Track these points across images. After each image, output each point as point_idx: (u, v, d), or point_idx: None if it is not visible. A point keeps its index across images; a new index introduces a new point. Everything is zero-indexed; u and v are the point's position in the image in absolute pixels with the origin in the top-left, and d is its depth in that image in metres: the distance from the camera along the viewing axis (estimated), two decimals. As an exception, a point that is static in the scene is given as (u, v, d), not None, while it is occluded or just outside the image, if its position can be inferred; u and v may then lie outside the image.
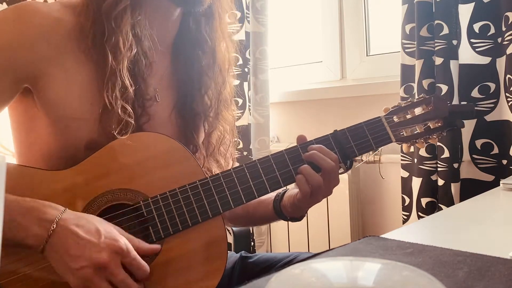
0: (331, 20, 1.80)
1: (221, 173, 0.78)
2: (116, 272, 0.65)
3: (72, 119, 0.75)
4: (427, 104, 0.85)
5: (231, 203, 0.77)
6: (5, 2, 1.67)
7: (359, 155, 0.83)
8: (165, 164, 0.77)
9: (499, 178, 1.15)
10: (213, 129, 0.91)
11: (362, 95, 1.62)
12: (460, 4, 1.26)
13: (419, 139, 0.85)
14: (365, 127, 0.83)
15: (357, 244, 0.62)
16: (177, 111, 0.87)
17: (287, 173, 0.80)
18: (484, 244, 0.61)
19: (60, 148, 0.76)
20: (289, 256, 0.94)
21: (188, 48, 0.88)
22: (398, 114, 0.85)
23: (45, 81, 0.74)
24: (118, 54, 0.75)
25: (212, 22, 0.89)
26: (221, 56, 0.91)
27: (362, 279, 0.40)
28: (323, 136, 0.83)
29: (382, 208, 1.63)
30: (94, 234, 0.65)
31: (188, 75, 0.88)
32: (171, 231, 0.75)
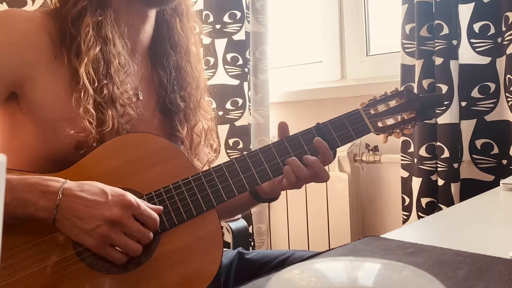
0: (331, 20, 1.80)
1: (213, 168, 0.81)
2: (131, 223, 0.69)
3: (59, 121, 0.76)
4: (400, 96, 0.91)
5: (224, 196, 0.80)
6: (5, 2, 1.67)
7: (341, 145, 0.88)
8: (158, 162, 0.79)
9: (499, 178, 1.15)
10: (195, 122, 0.95)
11: (362, 95, 1.62)
12: (460, 4, 1.26)
13: (395, 129, 0.90)
14: (345, 119, 0.89)
15: (357, 244, 0.62)
16: (160, 108, 0.90)
17: (275, 165, 0.84)
18: (484, 244, 0.61)
19: (49, 150, 0.77)
20: (286, 253, 0.95)
21: (165, 47, 0.92)
22: (374, 106, 0.91)
23: (30, 85, 0.75)
24: (78, 55, 0.77)
25: (183, 20, 0.93)
26: (194, 51, 0.96)
27: (362, 279, 0.40)
28: (307, 129, 0.88)
29: (382, 208, 1.63)
30: (100, 194, 0.68)
31: (167, 74, 0.91)
32: (167, 225, 0.77)
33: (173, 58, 0.92)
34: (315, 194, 1.64)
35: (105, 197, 0.68)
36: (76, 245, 0.72)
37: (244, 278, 0.53)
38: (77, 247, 0.72)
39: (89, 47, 0.77)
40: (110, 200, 0.68)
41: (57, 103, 0.76)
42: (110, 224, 0.67)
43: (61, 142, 0.76)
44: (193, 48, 0.96)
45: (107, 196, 0.68)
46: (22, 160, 0.78)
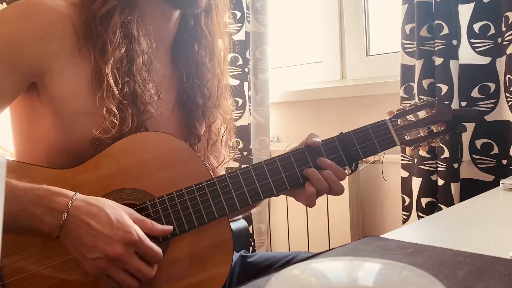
0: (331, 20, 1.80)
1: (228, 174, 0.78)
2: (131, 262, 0.66)
3: (77, 114, 0.75)
4: (430, 107, 0.86)
5: (237, 204, 0.77)
6: (5, 2, 1.67)
7: (364, 158, 0.83)
8: (172, 164, 0.77)
9: (499, 178, 1.15)
10: (213, 119, 0.93)
11: (362, 95, 1.62)
12: (460, 4, 1.26)
13: (422, 142, 0.86)
14: (370, 130, 0.84)
15: (357, 244, 0.62)
16: (179, 105, 0.88)
17: (293, 175, 0.80)
18: (484, 244, 0.61)
19: (65, 143, 0.76)
20: (289, 255, 0.94)
21: (188, 43, 0.90)
22: (402, 117, 0.86)
23: (51, 76, 0.74)
24: (105, 54, 0.75)
25: (211, 16, 0.90)
26: (219, 49, 0.93)
27: (362, 279, 0.40)
28: (329, 139, 0.83)
29: (382, 208, 1.63)
30: (106, 225, 0.66)
31: (188, 69, 0.89)
32: (177, 231, 0.75)
33: (195, 53, 0.89)
34: (315, 194, 1.64)
35: (110, 228, 0.65)
36: None
37: (247, 281, 0.52)
38: None
39: (115, 48, 0.76)
40: (115, 234, 0.65)
41: (77, 96, 0.75)
42: (109, 260, 0.65)
43: (78, 136, 0.75)
44: (219, 45, 0.93)
45: (112, 228, 0.65)
46: (39, 151, 0.78)
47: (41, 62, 0.74)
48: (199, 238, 0.76)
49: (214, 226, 0.77)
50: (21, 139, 0.82)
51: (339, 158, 0.82)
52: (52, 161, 0.76)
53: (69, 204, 0.66)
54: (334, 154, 0.82)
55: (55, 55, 0.74)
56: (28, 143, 0.80)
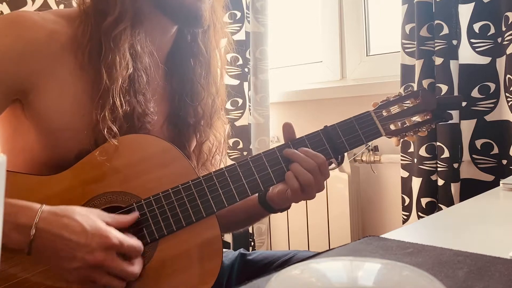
0: (331, 20, 1.80)
1: (214, 172, 0.78)
2: (113, 265, 0.65)
3: (62, 131, 0.74)
4: (415, 97, 0.86)
5: (225, 202, 0.77)
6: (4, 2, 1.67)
7: (350, 149, 0.84)
8: (157, 165, 0.77)
9: (499, 178, 1.15)
10: (205, 139, 0.91)
11: (362, 95, 1.62)
12: (460, 4, 1.26)
13: (408, 132, 0.86)
14: (355, 122, 0.84)
15: (357, 244, 0.62)
16: (169, 122, 0.87)
17: (279, 170, 0.80)
18: (484, 244, 0.61)
19: (49, 158, 0.75)
20: (288, 253, 0.94)
21: (183, 59, 0.88)
22: (387, 108, 0.86)
23: (35, 94, 0.73)
24: (113, 73, 0.74)
25: (208, 34, 0.89)
26: (215, 66, 0.91)
27: (362, 279, 0.40)
28: (313, 132, 0.84)
29: (382, 208, 1.63)
30: (80, 233, 0.63)
31: (182, 86, 0.88)
32: (165, 232, 0.75)
33: (190, 70, 0.88)
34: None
35: (85, 236, 0.63)
36: None
37: (246, 279, 0.52)
38: None
39: (124, 67, 0.74)
40: (92, 241, 0.63)
41: (62, 114, 0.74)
42: (91, 268, 0.64)
43: (63, 151, 0.74)
44: (215, 64, 0.91)
45: (87, 236, 0.63)
46: (24, 161, 0.77)
47: (25, 79, 0.72)
48: (188, 238, 0.76)
49: (202, 224, 0.76)
50: (6, 148, 0.80)
51: (325, 151, 0.82)
52: (37, 171, 0.75)
53: (36, 219, 0.63)
54: (319, 147, 0.82)
55: (40, 73, 0.72)
56: (13, 153, 0.78)
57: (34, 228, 0.62)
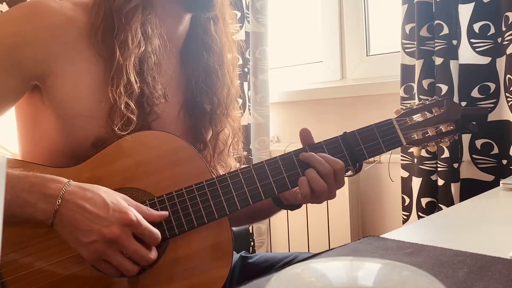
0: (331, 20, 1.80)
1: (228, 174, 0.77)
2: (128, 244, 0.66)
3: (80, 117, 0.75)
4: (439, 106, 0.84)
5: (238, 205, 0.76)
6: (5, 2, 1.67)
7: (368, 158, 0.81)
8: (172, 163, 0.76)
9: (499, 178, 1.15)
10: (221, 128, 0.91)
11: (362, 95, 1.62)
12: (460, 4, 1.26)
13: (430, 142, 0.83)
14: (375, 129, 0.82)
15: (357, 244, 0.62)
16: (186, 110, 0.88)
17: (295, 175, 0.79)
18: (484, 244, 0.61)
19: (66, 145, 0.76)
20: (289, 256, 0.94)
21: (197, 49, 0.89)
22: (409, 116, 0.84)
23: (54, 79, 0.74)
24: (126, 50, 0.75)
25: (218, 25, 0.90)
26: (227, 58, 0.92)
27: (362, 279, 0.40)
28: (332, 138, 0.82)
29: (382, 208, 1.63)
30: (102, 207, 0.65)
31: (197, 75, 0.88)
32: (176, 231, 0.74)
33: (205, 60, 0.88)
34: (315, 194, 1.64)
35: (106, 211, 0.65)
36: None
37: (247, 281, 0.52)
38: None
39: (136, 45, 0.76)
40: (111, 216, 0.65)
41: (79, 99, 0.75)
42: (107, 242, 0.64)
43: (79, 138, 0.75)
44: (228, 55, 0.92)
45: (108, 210, 0.65)
46: (41, 151, 0.78)
47: (43, 65, 0.73)
48: (199, 239, 0.75)
49: (213, 226, 0.76)
50: (24, 139, 0.82)
51: (342, 158, 0.80)
52: (53, 161, 0.76)
53: (63, 190, 0.65)
54: (337, 154, 0.80)
55: (58, 58, 0.74)
56: (31, 143, 0.80)
57: (60, 198, 0.64)
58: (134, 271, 0.68)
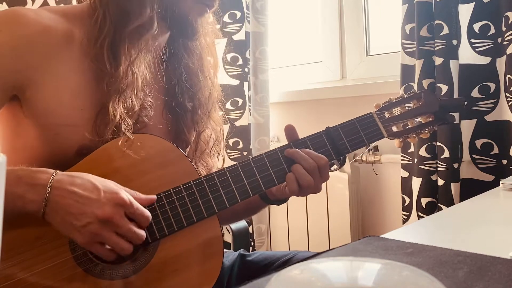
0: (331, 20, 1.80)
1: (215, 173, 0.78)
2: (122, 223, 0.67)
3: (62, 126, 0.74)
4: (417, 99, 0.87)
5: (226, 202, 0.78)
6: (4, 2, 1.67)
7: (351, 151, 0.84)
8: (159, 165, 0.77)
9: (499, 178, 1.15)
10: (203, 128, 0.92)
11: (362, 95, 1.62)
12: (460, 4, 1.26)
13: (410, 133, 0.86)
14: (357, 123, 0.85)
15: (357, 244, 0.62)
16: (168, 109, 0.88)
17: (281, 171, 0.81)
18: (484, 244, 0.61)
19: (50, 154, 0.76)
20: (288, 254, 0.95)
21: (178, 50, 0.89)
22: (389, 109, 0.86)
23: (33, 90, 0.73)
24: (134, 73, 0.76)
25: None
26: (208, 61, 0.93)
27: (362, 279, 0.40)
28: (315, 133, 0.84)
29: (382, 208, 1.63)
30: (92, 190, 0.66)
31: (179, 75, 0.89)
32: (166, 232, 0.75)
33: (185, 61, 0.89)
34: (315, 194, 1.64)
35: (97, 193, 0.66)
36: (73, 250, 0.71)
37: (246, 280, 0.52)
38: (74, 251, 0.71)
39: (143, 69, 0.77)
40: (103, 197, 0.66)
41: (61, 108, 0.74)
42: (101, 223, 0.65)
43: (63, 147, 0.75)
44: (208, 59, 0.93)
45: (99, 193, 0.66)
46: (25, 159, 0.77)
47: (21, 75, 0.72)
48: (189, 238, 0.76)
49: (203, 225, 0.77)
50: (6, 149, 0.80)
51: (327, 152, 0.83)
52: None
53: (52, 179, 0.66)
54: (321, 148, 0.83)
55: (36, 68, 0.73)
56: (13, 153, 0.79)
57: (49, 187, 0.65)
58: (130, 250, 0.69)
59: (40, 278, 0.69)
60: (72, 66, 0.75)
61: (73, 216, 0.65)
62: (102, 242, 0.68)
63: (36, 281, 0.69)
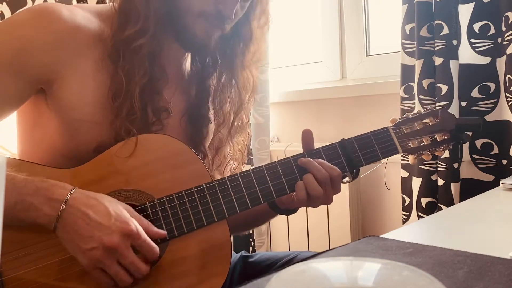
0: (331, 20, 1.80)
1: (228, 178, 0.78)
2: (126, 254, 0.67)
3: (83, 122, 0.75)
4: (434, 116, 0.86)
5: (237, 208, 0.77)
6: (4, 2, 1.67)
7: (365, 164, 0.83)
8: (173, 166, 0.77)
9: (499, 178, 1.15)
10: (222, 145, 0.91)
11: (362, 95, 1.62)
12: (460, 4, 1.26)
13: (425, 150, 0.86)
14: (372, 137, 0.84)
15: (357, 244, 0.62)
16: (188, 118, 0.87)
17: (293, 179, 0.80)
18: (484, 244, 0.61)
19: (68, 148, 0.76)
20: (290, 255, 0.94)
21: (205, 61, 0.89)
22: (405, 125, 0.86)
23: (59, 84, 0.74)
24: (132, 80, 0.76)
25: (238, 47, 0.88)
26: (243, 80, 0.90)
27: (362, 279, 0.40)
28: (330, 144, 0.83)
29: (382, 208, 1.63)
30: (104, 215, 0.66)
31: (204, 85, 0.89)
32: (176, 233, 0.75)
33: (214, 73, 0.88)
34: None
35: (108, 219, 0.66)
36: None
37: (247, 281, 0.52)
38: None
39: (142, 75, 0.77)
40: (112, 224, 0.66)
41: (84, 104, 0.75)
42: (105, 250, 0.65)
43: (81, 142, 0.76)
44: (243, 78, 0.90)
45: (110, 219, 0.66)
46: (41, 152, 0.78)
47: (50, 69, 0.74)
48: (198, 241, 0.76)
49: (213, 228, 0.76)
50: (23, 139, 0.82)
51: (340, 164, 0.82)
52: (53, 162, 0.76)
53: (68, 195, 0.66)
54: (335, 160, 0.82)
55: (65, 64, 0.74)
56: (31, 143, 0.80)
57: (64, 204, 0.66)
58: (129, 283, 0.68)
59: (39, 274, 0.69)
60: (99, 65, 0.76)
61: (81, 237, 0.65)
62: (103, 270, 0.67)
63: (42, 275, 0.69)
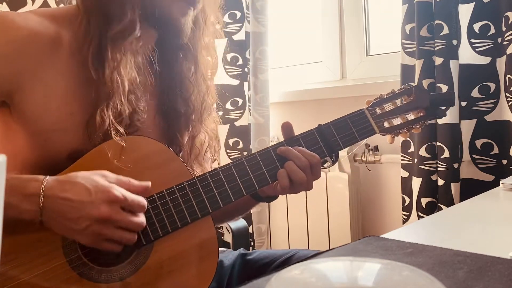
0: (331, 20, 1.80)
1: (208, 173, 0.78)
2: (120, 218, 0.68)
3: (52, 131, 0.74)
4: (408, 94, 0.87)
5: (220, 202, 0.77)
6: (4, 2, 1.67)
7: (344, 147, 0.84)
8: (152, 166, 0.77)
9: (499, 178, 1.15)
10: (197, 133, 0.92)
11: (362, 95, 1.62)
12: (460, 4, 1.26)
13: (402, 129, 0.87)
14: (348, 120, 0.85)
15: (357, 244, 0.62)
16: (160, 114, 0.87)
17: (274, 169, 0.81)
18: (484, 244, 0.61)
19: (40, 159, 0.75)
20: (288, 252, 0.94)
21: (169, 53, 0.88)
22: (380, 105, 0.87)
23: (21, 96, 0.73)
24: (119, 78, 0.75)
25: (196, 31, 0.88)
26: (204, 63, 0.91)
27: (362, 279, 0.40)
28: (308, 131, 0.84)
29: (382, 208, 1.63)
30: (84, 193, 0.66)
31: (171, 78, 0.88)
32: (160, 233, 0.74)
33: (178, 64, 0.88)
34: (315, 194, 1.64)
35: (89, 195, 0.66)
36: (67, 254, 0.71)
37: (246, 279, 0.52)
38: (68, 255, 0.71)
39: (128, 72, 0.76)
40: (95, 198, 0.66)
41: (50, 113, 0.74)
42: (100, 223, 0.66)
43: (54, 151, 0.75)
44: (206, 59, 0.91)
45: (91, 194, 0.66)
46: (15, 165, 0.76)
47: (9, 81, 0.72)
48: (183, 239, 0.76)
49: (197, 225, 0.76)
50: None
51: (319, 150, 0.83)
52: (29, 174, 0.74)
53: (43, 186, 0.66)
54: (314, 145, 0.83)
55: (24, 74, 0.72)
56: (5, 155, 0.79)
57: (42, 195, 0.66)
58: (134, 238, 0.70)
59: (34, 282, 0.68)
60: (60, 70, 0.75)
61: (72, 221, 0.66)
62: (107, 239, 0.68)
63: (31, 285, 0.68)
